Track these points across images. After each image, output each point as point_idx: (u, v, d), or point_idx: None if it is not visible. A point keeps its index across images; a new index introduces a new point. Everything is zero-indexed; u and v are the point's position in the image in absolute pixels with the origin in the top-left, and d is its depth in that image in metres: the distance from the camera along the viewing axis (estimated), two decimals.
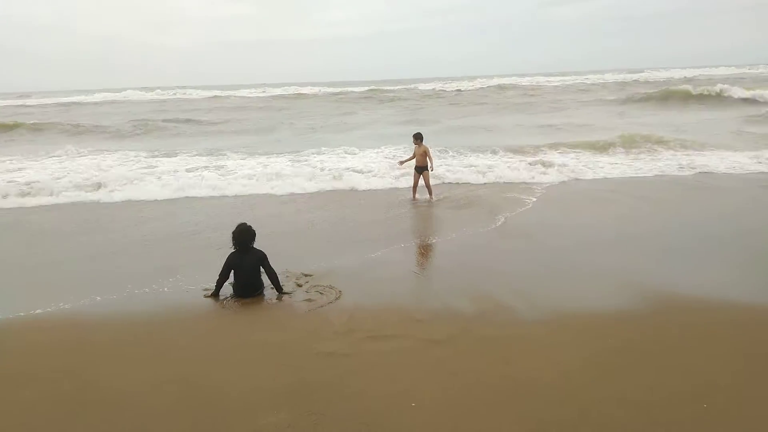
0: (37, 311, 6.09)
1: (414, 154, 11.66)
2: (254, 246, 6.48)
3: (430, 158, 11.51)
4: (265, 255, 6.43)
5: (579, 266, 7.18)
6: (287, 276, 6.90)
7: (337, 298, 6.23)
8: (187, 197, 12.33)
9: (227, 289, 6.43)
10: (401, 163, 12.22)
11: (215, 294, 6.35)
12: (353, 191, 12.55)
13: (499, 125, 25.56)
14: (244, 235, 6.37)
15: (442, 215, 10.38)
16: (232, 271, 6.33)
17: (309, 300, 6.21)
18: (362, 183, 13.07)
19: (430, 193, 11.53)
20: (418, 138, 11.54)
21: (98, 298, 6.50)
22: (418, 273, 7.29)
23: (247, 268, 6.30)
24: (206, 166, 15.57)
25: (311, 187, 12.87)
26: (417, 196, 11.66)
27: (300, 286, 6.65)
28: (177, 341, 5.35)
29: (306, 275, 6.97)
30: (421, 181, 11.59)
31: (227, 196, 12.37)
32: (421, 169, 11.54)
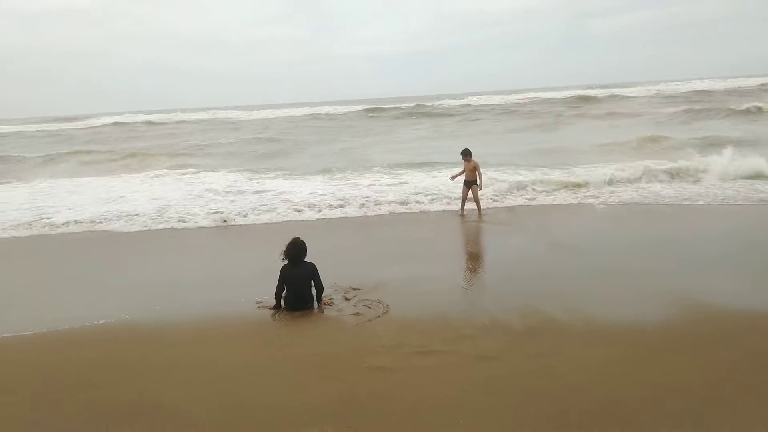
0: (101, 321, 6.39)
1: (464, 169, 11.73)
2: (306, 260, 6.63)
3: (479, 174, 11.55)
4: (316, 268, 6.57)
5: (630, 282, 6.94)
6: (335, 290, 6.99)
7: (384, 313, 6.25)
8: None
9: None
10: (453, 177, 12.21)
11: (277, 306, 6.52)
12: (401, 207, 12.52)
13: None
14: (296, 250, 6.56)
15: (490, 230, 10.27)
16: (285, 283, 6.50)
17: (357, 314, 6.26)
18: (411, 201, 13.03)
19: (479, 208, 11.54)
20: (466, 154, 11.66)
21: (157, 307, 6.78)
22: (466, 288, 7.23)
23: (298, 281, 6.46)
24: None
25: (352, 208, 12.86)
26: (465, 211, 11.66)
27: (348, 299, 6.72)
28: (226, 353, 5.49)
29: (354, 289, 7.03)
30: (470, 195, 11.60)
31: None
32: (470, 184, 11.62)
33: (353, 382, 4.75)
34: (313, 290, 6.57)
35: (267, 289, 6.75)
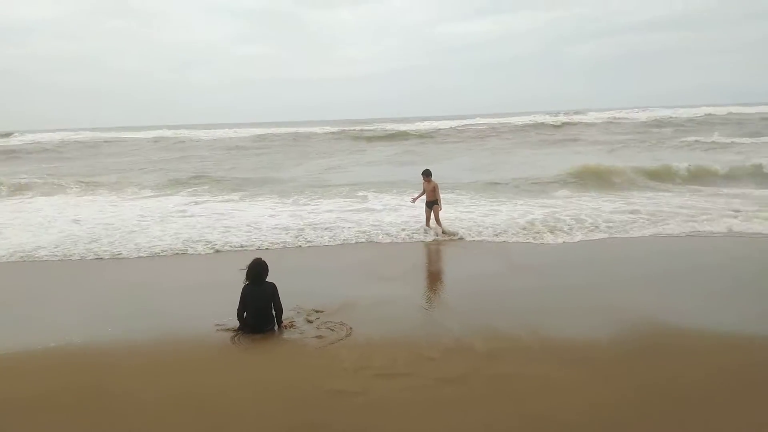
0: (51, 344, 6.12)
1: (424, 189, 11.86)
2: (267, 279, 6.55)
3: (438, 194, 11.71)
4: (276, 288, 6.49)
5: (589, 303, 7.09)
6: (298, 312, 6.89)
7: (347, 335, 6.19)
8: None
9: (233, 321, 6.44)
10: (413, 199, 12.29)
11: (239, 327, 6.37)
12: (365, 229, 12.43)
13: None
14: (257, 269, 6.47)
15: (453, 252, 10.34)
16: (246, 303, 6.39)
17: (319, 337, 6.17)
18: (373, 222, 13.00)
19: (440, 227, 11.63)
20: (427, 175, 11.81)
21: (109, 329, 6.55)
22: (428, 309, 7.24)
23: (259, 301, 6.36)
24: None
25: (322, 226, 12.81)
26: (430, 225, 11.78)
27: (311, 322, 6.62)
28: (183, 378, 5.32)
29: (317, 311, 6.93)
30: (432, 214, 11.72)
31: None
32: (432, 204, 11.75)
33: (315, 406, 4.66)
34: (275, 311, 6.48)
35: (226, 312, 6.62)
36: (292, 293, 6.99)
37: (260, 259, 6.65)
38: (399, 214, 13.45)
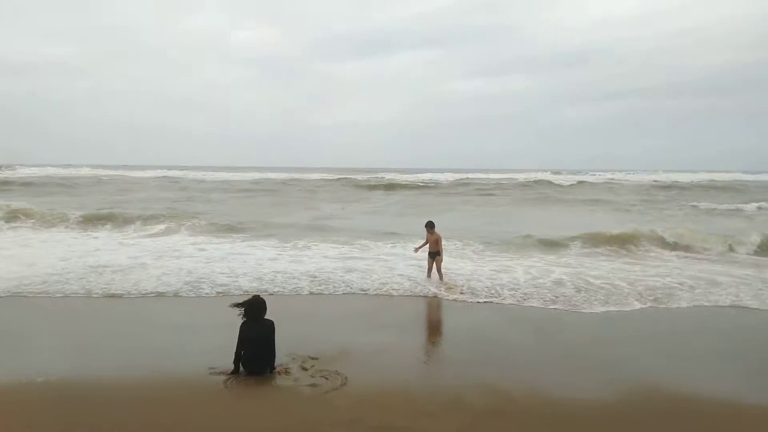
0: (38, 379, 5.97)
1: (427, 240, 11.91)
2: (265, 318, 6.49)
3: (440, 245, 11.76)
4: (274, 326, 6.41)
5: (591, 361, 6.96)
6: (293, 358, 6.75)
7: (343, 384, 6.04)
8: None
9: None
10: (416, 249, 12.32)
11: (234, 370, 6.25)
12: (365, 278, 12.32)
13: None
14: (255, 309, 6.42)
15: (454, 305, 10.22)
16: (244, 340, 6.31)
17: (314, 385, 6.03)
18: (374, 271, 12.93)
19: (441, 278, 11.65)
20: (430, 226, 11.90)
21: (101, 365, 6.41)
22: (427, 362, 7.11)
23: (257, 339, 6.28)
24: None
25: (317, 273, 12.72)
26: (432, 276, 11.79)
27: (305, 369, 6.48)
28: (175, 418, 5.17)
29: (312, 358, 6.80)
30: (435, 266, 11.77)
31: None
32: (434, 255, 11.80)
33: None
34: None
35: (220, 356, 6.50)
36: (288, 339, 6.89)
37: (258, 296, 6.62)
38: (401, 264, 13.40)
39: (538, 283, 11.57)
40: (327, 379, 6.20)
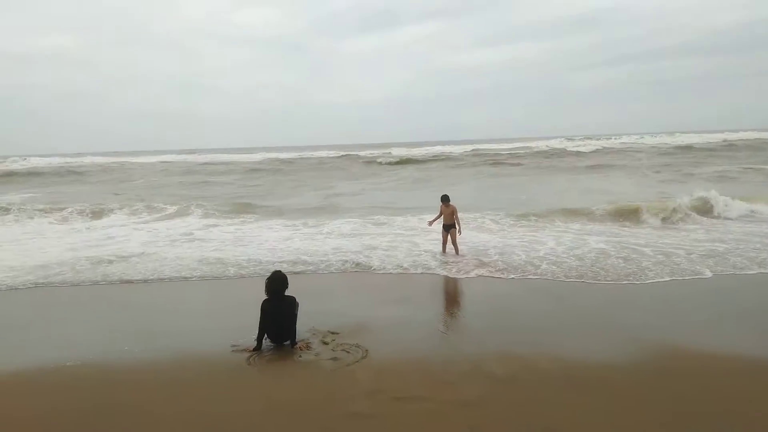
0: (68, 363, 6.13)
1: (441, 213, 11.89)
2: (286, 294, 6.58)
3: (457, 218, 11.69)
4: (296, 302, 6.53)
5: (608, 325, 6.96)
6: (313, 334, 6.85)
7: (363, 357, 6.12)
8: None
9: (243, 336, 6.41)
10: (430, 222, 12.32)
11: (257, 347, 6.38)
12: (379, 253, 12.37)
13: None
14: (276, 284, 6.50)
15: (471, 275, 10.22)
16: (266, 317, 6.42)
17: (335, 359, 6.11)
18: (390, 246, 12.97)
19: (457, 251, 11.66)
20: (445, 200, 11.89)
21: (126, 347, 6.55)
22: (445, 332, 7.15)
23: (279, 315, 6.39)
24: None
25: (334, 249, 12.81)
26: (447, 251, 11.78)
27: (326, 344, 6.57)
28: (198, 400, 5.27)
29: (333, 333, 6.89)
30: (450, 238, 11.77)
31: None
32: (449, 227, 11.78)
33: (331, 429, 4.59)
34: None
35: (242, 334, 6.62)
36: (307, 314, 6.96)
37: (280, 272, 6.69)
38: (417, 238, 13.42)
39: (576, 254, 11.35)
40: (348, 352, 6.28)
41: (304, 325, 6.77)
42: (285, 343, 6.43)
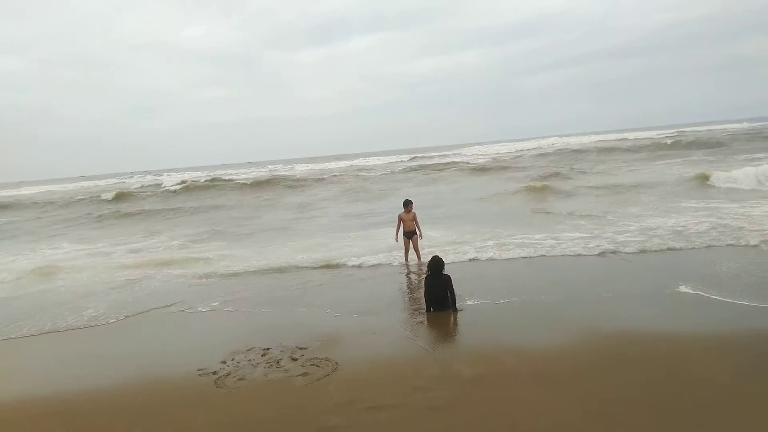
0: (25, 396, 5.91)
1: (400, 220, 11.80)
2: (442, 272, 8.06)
3: (417, 224, 11.73)
4: (450, 279, 8.05)
5: (571, 322, 7.17)
6: (281, 350, 6.81)
7: (334, 370, 6.13)
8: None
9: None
10: (396, 238, 11.91)
11: (428, 309, 8.08)
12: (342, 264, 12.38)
13: None
14: (435, 265, 8.06)
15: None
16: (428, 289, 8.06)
17: (305, 374, 6.10)
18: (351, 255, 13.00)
19: (419, 257, 11.66)
20: (407, 204, 11.81)
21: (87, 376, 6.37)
22: (414, 338, 7.22)
23: (437, 288, 7.99)
24: None
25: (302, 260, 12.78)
26: (408, 261, 11.76)
27: (295, 360, 6.55)
28: (168, 420, 5.19)
29: (301, 348, 6.87)
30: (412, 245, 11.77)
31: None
32: (411, 234, 11.75)
33: None
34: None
35: (207, 358, 6.54)
36: (272, 330, 6.93)
37: (437, 256, 8.24)
38: (378, 246, 13.49)
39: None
40: (318, 366, 6.27)
41: (268, 341, 6.74)
42: (445, 310, 7.96)
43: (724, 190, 18.95)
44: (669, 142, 47.45)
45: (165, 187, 41.51)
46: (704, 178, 20.86)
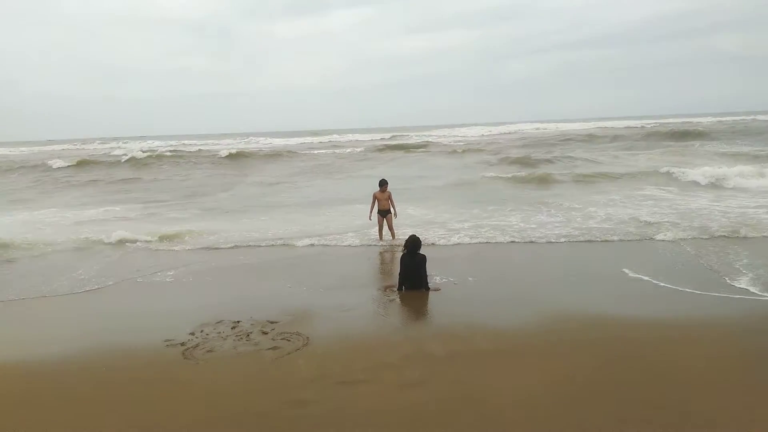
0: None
1: (375, 199, 11.81)
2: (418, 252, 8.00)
3: (392, 201, 11.73)
4: (425, 259, 7.98)
5: (543, 301, 7.26)
6: (252, 324, 6.73)
7: (304, 345, 6.08)
8: None
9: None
10: (371, 216, 11.90)
11: (399, 288, 8.02)
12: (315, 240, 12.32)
13: None
14: (412, 244, 8.00)
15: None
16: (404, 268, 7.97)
17: (275, 348, 6.04)
18: (325, 232, 12.93)
19: (393, 236, 11.73)
20: (382, 184, 11.82)
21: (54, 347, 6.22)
22: (385, 316, 7.22)
23: (412, 267, 7.91)
24: None
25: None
26: (383, 238, 11.77)
27: (266, 333, 6.48)
28: (136, 393, 5.10)
29: (271, 322, 6.80)
30: (386, 223, 11.78)
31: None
32: (385, 213, 11.78)
33: (274, 418, 4.55)
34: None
35: (174, 327, 6.41)
36: (242, 303, 6.85)
37: (415, 235, 8.19)
38: (352, 224, 13.44)
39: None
40: (288, 341, 6.22)
41: (240, 314, 6.66)
42: (418, 289, 7.89)
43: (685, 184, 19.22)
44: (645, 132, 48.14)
45: (130, 155, 40.04)
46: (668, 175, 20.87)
